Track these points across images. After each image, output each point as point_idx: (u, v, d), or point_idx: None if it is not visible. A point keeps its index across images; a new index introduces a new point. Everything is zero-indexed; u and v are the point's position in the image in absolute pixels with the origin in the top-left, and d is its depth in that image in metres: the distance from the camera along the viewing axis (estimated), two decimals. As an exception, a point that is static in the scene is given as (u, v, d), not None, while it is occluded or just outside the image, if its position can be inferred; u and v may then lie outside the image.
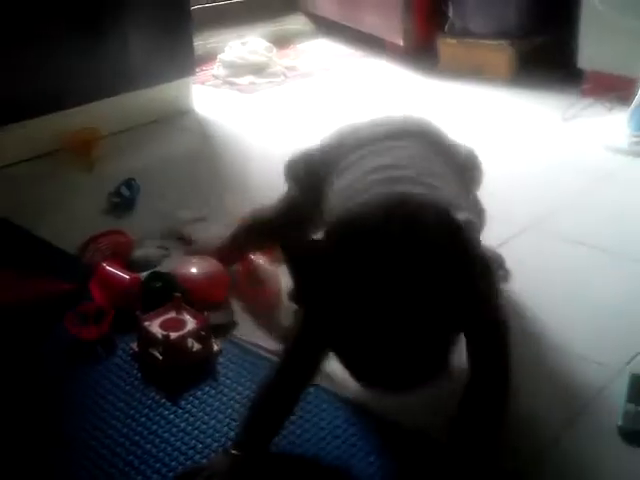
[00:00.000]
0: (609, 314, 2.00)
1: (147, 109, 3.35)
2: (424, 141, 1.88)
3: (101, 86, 3.19)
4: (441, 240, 1.39)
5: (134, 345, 1.90)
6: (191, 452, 1.61)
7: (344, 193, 1.71)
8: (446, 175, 1.78)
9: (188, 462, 1.58)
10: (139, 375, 1.84)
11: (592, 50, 3.43)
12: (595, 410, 1.69)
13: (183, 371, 1.83)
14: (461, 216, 1.48)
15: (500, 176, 2.55)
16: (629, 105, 3.07)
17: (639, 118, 3.00)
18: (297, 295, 1.54)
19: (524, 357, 1.79)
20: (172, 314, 1.91)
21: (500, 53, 3.78)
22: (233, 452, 1.52)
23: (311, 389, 1.70)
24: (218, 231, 2.28)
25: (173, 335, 1.83)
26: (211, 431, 1.65)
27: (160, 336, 1.82)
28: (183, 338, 1.85)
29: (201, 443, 1.63)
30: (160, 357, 1.83)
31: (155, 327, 1.86)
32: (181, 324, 1.87)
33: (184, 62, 3.44)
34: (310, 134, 3.19)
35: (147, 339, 1.87)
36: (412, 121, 2.00)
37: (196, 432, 1.66)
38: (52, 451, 1.63)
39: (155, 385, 1.81)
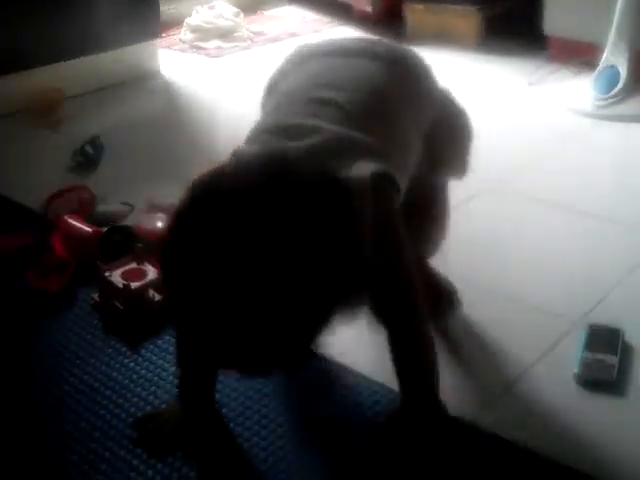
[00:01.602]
0: (568, 268, 2.02)
1: (113, 71, 3.34)
2: (390, 69, 1.58)
3: (66, 47, 3.16)
4: (313, 208, 1.19)
5: (95, 296, 1.90)
6: (151, 398, 1.61)
7: (257, 126, 1.53)
8: (396, 113, 1.53)
9: (148, 408, 1.59)
10: (100, 325, 1.84)
11: (557, 16, 3.44)
12: (552, 359, 1.70)
13: (144, 320, 1.82)
14: (366, 170, 1.32)
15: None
16: (594, 70, 3.09)
17: (603, 82, 3.02)
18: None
19: (481, 310, 1.83)
20: (133, 265, 1.90)
21: (467, 18, 3.78)
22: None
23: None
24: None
25: (134, 285, 1.83)
26: (171, 378, 1.65)
27: (121, 286, 1.82)
28: (144, 288, 1.85)
29: (161, 389, 1.63)
30: (121, 307, 1.83)
31: (116, 277, 1.86)
32: (142, 274, 1.87)
33: (150, 24, 3.42)
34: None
35: (108, 289, 1.86)
36: (386, 46, 1.70)
37: (156, 379, 1.66)
38: (13, 399, 1.63)
39: (116, 334, 1.81)
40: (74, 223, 2.08)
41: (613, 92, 2.99)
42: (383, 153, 1.40)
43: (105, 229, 2.08)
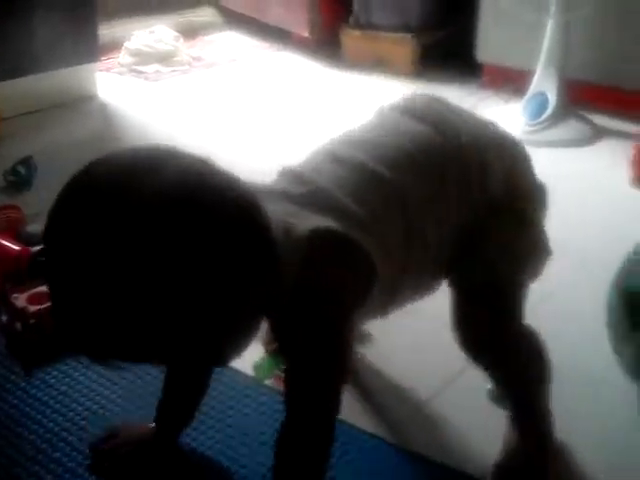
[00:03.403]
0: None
1: (50, 93, 3.33)
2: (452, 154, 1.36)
3: (3, 67, 3.15)
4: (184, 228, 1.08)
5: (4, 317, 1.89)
6: (71, 414, 1.61)
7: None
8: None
9: (67, 424, 1.59)
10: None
11: (490, 43, 3.53)
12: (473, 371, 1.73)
13: (43, 344, 1.79)
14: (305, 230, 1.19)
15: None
16: (525, 97, 3.16)
17: (532, 108, 3.09)
18: None
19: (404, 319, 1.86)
20: (42, 288, 1.82)
21: (402, 46, 3.84)
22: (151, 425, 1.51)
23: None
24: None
25: (32, 308, 1.81)
26: (93, 394, 1.66)
27: (20, 309, 1.82)
28: (44, 311, 1.80)
29: (81, 406, 1.64)
30: (20, 329, 1.82)
31: (22, 300, 1.84)
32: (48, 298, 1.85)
33: (88, 47, 3.42)
34: (213, 122, 3.26)
35: (12, 311, 1.85)
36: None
37: (77, 395, 1.66)
38: None
39: (15, 357, 1.80)
40: (1, 242, 2.08)
41: (542, 118, 3.06)
42: (368, 227, 1.26)
43: (35, 249, 2.08)
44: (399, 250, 1.31)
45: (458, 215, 1.37)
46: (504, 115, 3.21)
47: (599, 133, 3.13)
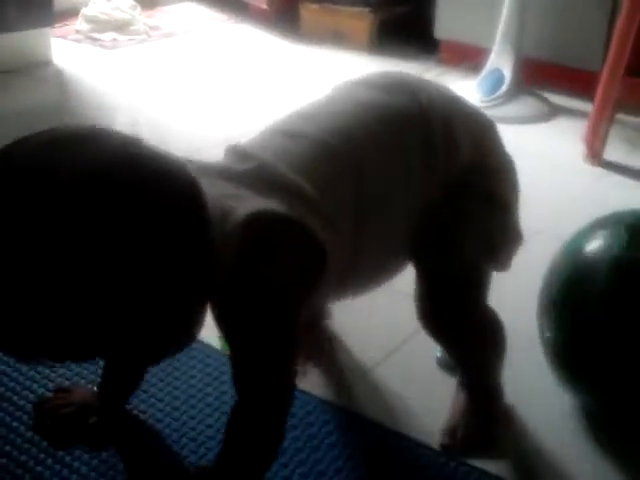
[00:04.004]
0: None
1: (2, 57, 3.28)
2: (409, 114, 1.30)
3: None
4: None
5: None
6: (16, 375, 1.58)
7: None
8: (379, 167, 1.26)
9: (12, 384, 1.56)
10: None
11: (447, 20, 3.55)
12: (418, 341, 1.74)
13: None
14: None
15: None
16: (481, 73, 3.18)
17: (488, 84, 3.11)
18: None
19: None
20: None
21: (360, 20, 3.84)
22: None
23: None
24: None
25: None
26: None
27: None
28: None
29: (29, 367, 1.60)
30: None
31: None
32: None
33: (42, 11, 3.37)
34: (169, 92, 3.24)
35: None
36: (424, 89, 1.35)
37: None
38: None
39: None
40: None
41: (497, 94, 3.08)
42: (317, 205, 1.19)
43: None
44: (351, 226, 1.23)
45: (422, 188, 1.30)
46: (460, 90, 3.22)
47: (554, 111, 3.16)
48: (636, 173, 2.67)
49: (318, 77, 3.46)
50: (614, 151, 2.77)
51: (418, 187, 1.30)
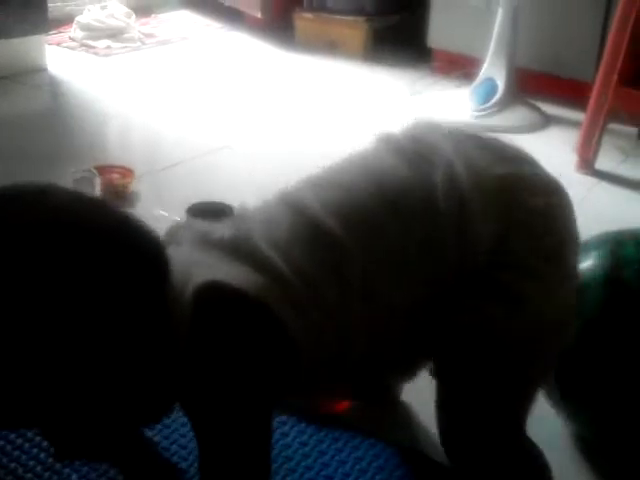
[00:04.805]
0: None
1: (-3, 63, 3.31)
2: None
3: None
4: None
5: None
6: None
7: None
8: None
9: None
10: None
11: (441, 30, 3.57)
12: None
13: None
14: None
15: (341, 151, 2.62)
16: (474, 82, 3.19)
17: (481, 93, 3.11)
18: None
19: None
20: None
21: (354, 29, 3.85)
22: None
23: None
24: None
25: None
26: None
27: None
28: None
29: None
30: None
31: None
32: None
33: (37, 18, 3.37)
34: (162, 100, 3.25)
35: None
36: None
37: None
38: None
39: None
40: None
41: (490, 104, 3.09)
42: (291, 285, 1.08)
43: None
44: (342, 312, 1.11)
45: (426, 279, 1.15)
46: (453, 100, 3.24)
47: (547, 120, 3.17)
48: (628, 183, 2.68)
49: (312, 86, 3.48)
50: (607, 161, 2.78)
51: (423, 278, 1.15)
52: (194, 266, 1.07)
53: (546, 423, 1.45)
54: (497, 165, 1.17)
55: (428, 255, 1.13)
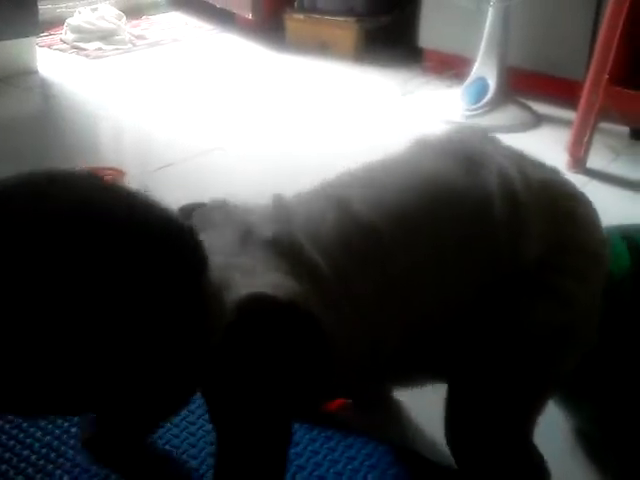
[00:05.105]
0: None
1: (-13, 67, 3.30)
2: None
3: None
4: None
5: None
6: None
7: None
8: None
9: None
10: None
11: (432, 30, 3.57)
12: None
13: None
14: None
15: (333, 151, 2.61)
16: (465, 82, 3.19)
17: (472, 93, 3.12)
18: None
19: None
20: None
21: (345, 30, 3.85)
22: None
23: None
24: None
25: None
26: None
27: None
28: None
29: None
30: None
31: None
32: None
33: (28, 20, 3.37)
34: (154, 102, 3.24)
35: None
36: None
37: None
38: None
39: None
40: None
41: (481, 103, 3.09)
42: (332, 289, 1.09)
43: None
44: (377, 313, 1.12)
45: (473, 283, 1.16)
46: (445, 99, 3.24)
47: (538, 119, 3.17)
48: (619, 181, 2.69)
49: (304, 87, 3.48)
50: (598, 159, 2.78)
51: (469, 283, 1.16)
52: (235, 269, 1.06)
53: (547, 417, 1.46)
54: (537, 170, 1.21)
55: (478, 256, 1.15)
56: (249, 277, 1.05)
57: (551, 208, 1.17)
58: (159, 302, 0.98)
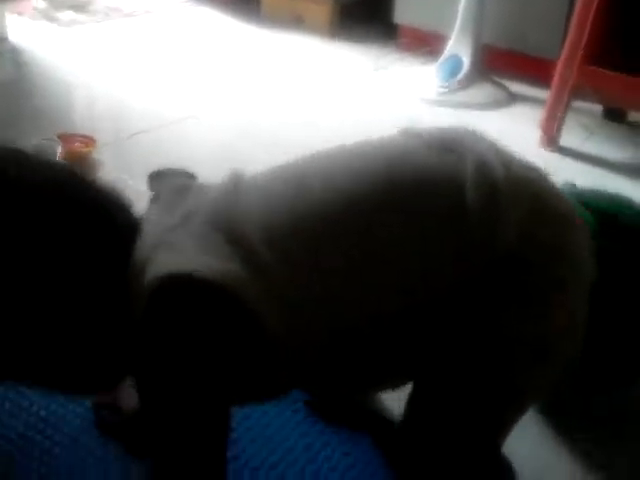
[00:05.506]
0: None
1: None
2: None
3: None
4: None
5: None
6: None
7: None
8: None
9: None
10: None
11: (407, 6, 3.57)
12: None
13: None
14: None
15: (305, 122, 2.60)
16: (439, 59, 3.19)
17: (446, 70, 3.11)
18: None
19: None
20: None
21: (321, 5, 3.83)
22: None
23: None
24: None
25: None
26: None
27: None
28: None
29: None
30: None
31: None
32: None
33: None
34: (125, 71, 3.21)
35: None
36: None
37: None
38: None
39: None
40: None
41: (455, 80, 3.08)
42: (272, 273, 1.05)
43: None
44: (332, 301, 1.08)
45: (444, 271, 1.11)
46: (419, 76, 3.24)
47: (512, 97, 3.18)
48: (591, 159, 2.70)
49: (278, 60, 3.46)
50: (571, 137, 2.79)
51: (440, 270, 1.11)
52: (165, 247, 1.05)
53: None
54: (523, 169, 1.19)
55: (449, 242, 1.10)
56: (176, 255, 1.04)
57: (533, 205, 1.13)
58: (72, 273, 1.02)
